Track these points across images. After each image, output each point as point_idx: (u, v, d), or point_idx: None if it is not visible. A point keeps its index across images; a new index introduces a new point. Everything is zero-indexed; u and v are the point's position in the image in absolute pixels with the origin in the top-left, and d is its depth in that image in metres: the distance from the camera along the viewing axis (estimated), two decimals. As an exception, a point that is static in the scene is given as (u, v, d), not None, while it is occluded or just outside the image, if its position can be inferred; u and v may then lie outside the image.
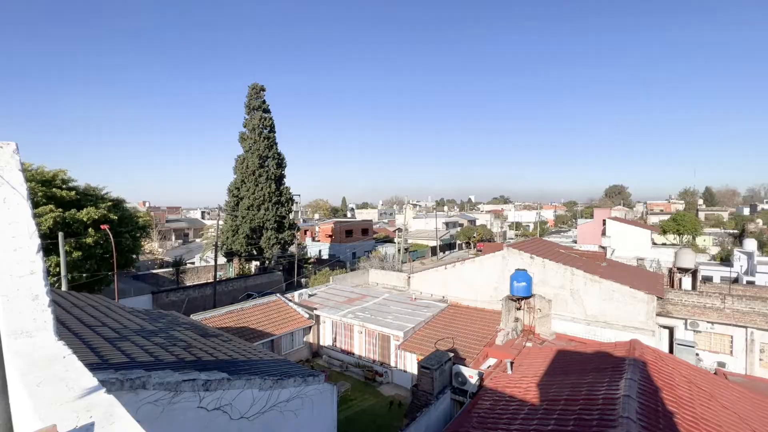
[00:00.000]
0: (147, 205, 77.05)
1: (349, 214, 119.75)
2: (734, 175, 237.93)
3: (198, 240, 57.39)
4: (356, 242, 52.72)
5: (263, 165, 35.69)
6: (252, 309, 20.52)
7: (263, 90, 36.37)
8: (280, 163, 37.12)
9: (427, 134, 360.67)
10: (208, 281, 30.55)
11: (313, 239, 58.20)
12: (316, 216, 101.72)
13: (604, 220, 47.43)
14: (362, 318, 19.92)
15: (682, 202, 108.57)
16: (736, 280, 29.00)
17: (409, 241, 60.73)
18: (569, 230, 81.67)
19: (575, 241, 50.02)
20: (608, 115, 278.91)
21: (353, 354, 20.02)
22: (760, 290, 22.93)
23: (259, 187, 34.79)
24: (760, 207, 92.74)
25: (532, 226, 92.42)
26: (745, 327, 16.92)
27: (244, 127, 36.15)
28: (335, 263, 40.23)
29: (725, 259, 37.80)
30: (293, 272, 35.67)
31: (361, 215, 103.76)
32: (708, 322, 17.51)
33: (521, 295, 15.51)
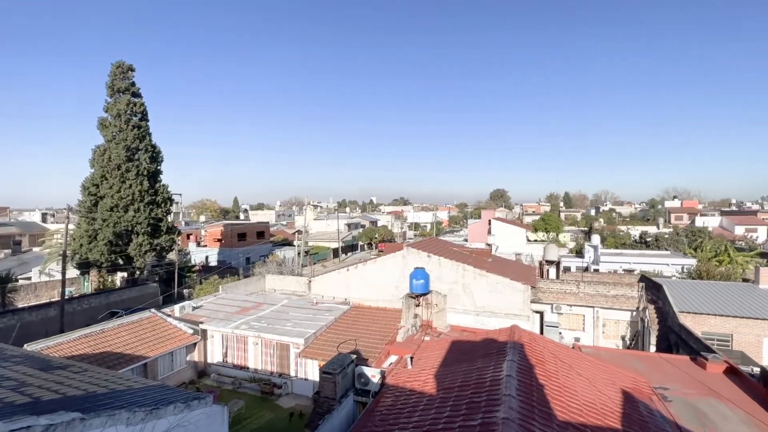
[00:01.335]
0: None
1: (242, 216, 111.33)
2: (584, 182, 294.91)
3: (37, 249, 45.97)
4: (251, 246, 49.15)
5: (132, 158, 30.30)
6: (117, 330, 17.19)
7: (131, 70, 30.87)
8: (155, 157, 32.10)
9: (328, 135, 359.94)
10: (53, 300, 24.79)
11: (199, 244, 52.47)
12: (203, 218, 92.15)
13: (490, 221, 53.52)
14: (258, 328, 18.39)
15: (548, 204, 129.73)
16: (586, 269, 35.43)
17: (310, 243, 59.24)
18: (461, 230, 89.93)
19: (466, 240, 55.20)
20: (493, 126, 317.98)
21: (248, 368, 18.33)
22: (602, 276, 28.37)
23: (126, 184, 29.43)
24: (602, 209, 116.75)
25: (429, 227, 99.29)
26: (593, 307, 20.64)
27: (106, 112, 30.14)
28: (226, 270, 36.75)
29: (579, 252, 45.91)
30: (173, 283, 31.34)
31: (257, 217, 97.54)
32: (567, 305, 20.85)
33: (420, 292, 16.12)
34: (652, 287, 21.94)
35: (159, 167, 32.62)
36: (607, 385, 9.56)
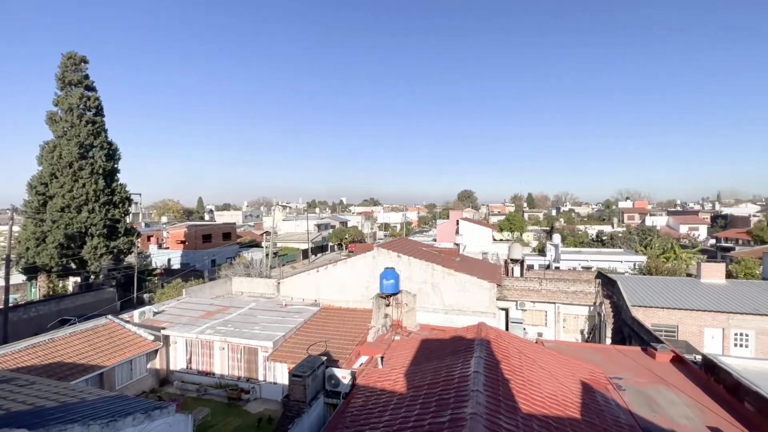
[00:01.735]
0: None
1: (207, 217, 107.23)
2: (546, 183, 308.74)
3: (-29, 253, 42.16)
4: (216, 248, 47.46)
5: (86, 156, 28.36)
6: (69, 338, 16.06)
7: (85, 62, 28.93)
8: (112, 155, 30.23)
9: (297, 135, 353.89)
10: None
11: (160, 246, 50.07)
12: (165, 219, 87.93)
13: (458, 221, 54.72)
14: (224, 332, 17.81)
15: (513, 205, 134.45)
16: (548, 267, 37.04)
17: (279, 244, 58.05)
18: (430, 230, 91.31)
19: (435, 240, 56.11)
20: (460, 128, 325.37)
21: (214, 374, 17.71)
22: (563, 274, 29.78)
23: (80, 183, 27.51)
24: (562, 209, 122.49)
25: (399, 227, 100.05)
26: (554, 303, 21.63)
27: (56, 106, 28.10)
28: (190, 273, 35.28)
29: (541, 251, 47.93)
30: (132, 287, 29.70)
31: (222, 218, 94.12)
32: (531, 301, 21.72)
33: (390, 292, 16.25)
34: (607, 283, 23.32)
35: (116, 165, 30.76)
36: (567, 377, 10.07)
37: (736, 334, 18.27)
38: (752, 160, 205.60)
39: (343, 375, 10.12)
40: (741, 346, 18.19)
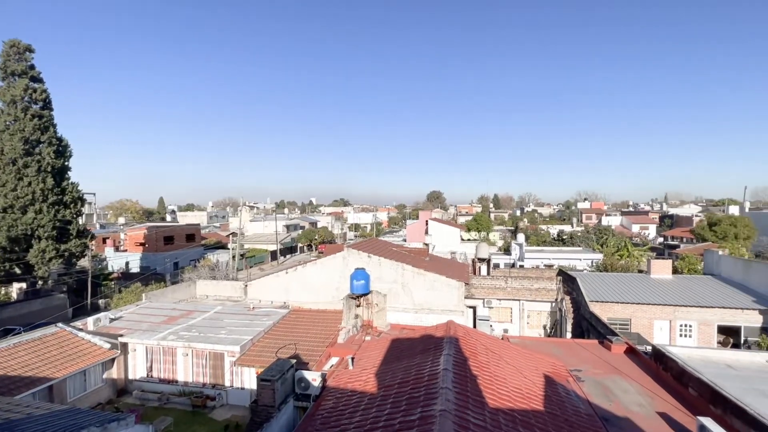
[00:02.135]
0: None
1: (169, 218, 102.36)
2: (511, 184, 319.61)
3: None
4: (179, 250, 45.46)
5: (32, 152, 26.26)
6: (12, 349, 14.82)
7: (30, 50, 26.75)
8: (62, 152, 28.18)
9: (267, 134, 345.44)
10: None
11: (117, 249, 47.31)
12: (122, 220, 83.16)
13: (427, 221, 55.53)
14: (188, 338, 17.10)
15: (480, 205, 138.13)
16: (513, 265, 38.39)
17: (246, 246, 56.45)
18: (400, 230, 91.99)
19: (405, 240, 56.61)
20: (430, 129, 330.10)
21: (177, 382, 16.95)
22: (527, 272, 30.97)
23: (25, 181, 25.42)
24: (526, 209, 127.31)
25: (369, 227, 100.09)
26: (519, 300, 22.47)
27: (-3, 97, 25.80)
28: (150, 277, 33.56)
29: (507, 250, 49.57)
30: (86, 293, 27.86)
31: (186, 219, 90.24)
32: (497, 299, 22.45)
33: (360, 293, 16.26)
34: (568, 280, 24.52)
35: (67, 163, 28.69)
36: (531, 371, 10.50)
37: (681, 326, 19.76)
38: (695, 164, 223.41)
39: (313, 377, 10.01)
40: (685, 336, 19.69)
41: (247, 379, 16.19)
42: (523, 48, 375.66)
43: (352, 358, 11.67)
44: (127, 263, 42.62)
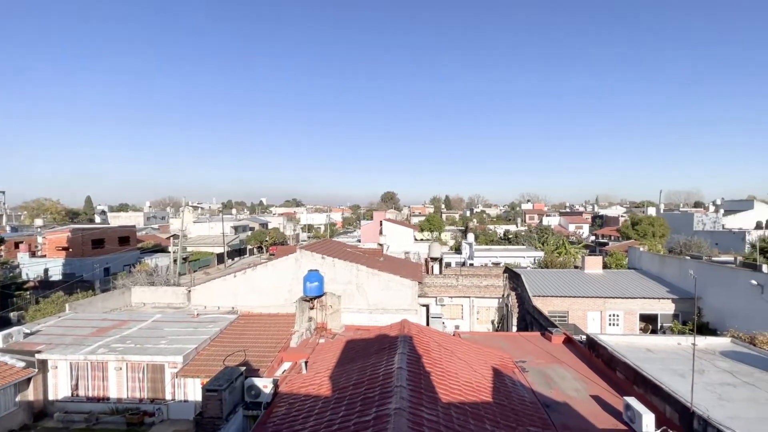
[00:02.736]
0: None
1: (98, 219, 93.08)
2: (462, 186, 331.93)
3: None
4: (111, 254, 41.51)
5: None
6: None
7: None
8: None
9: (211, 130, 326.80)
10: None
11: (34, 254, 42.18)
12: (39, 222, 74.12)
13: (381, 222, 55.90)
14: (122, 350, 15.65)
15: (432, 206, 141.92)
16: (464, 264, 39.83)
17: (190, 249, 53.05)
18: (355, 231, 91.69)
19: (359, 240, 56.50)
20: (384, 130, 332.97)
21: (108, 399, 15.44)
22: (476, 270, 32.27)
23: None
24: (475, 210, 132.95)
25: (323, 228, 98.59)
26: (469, 297, 23.37)
27: None
28: (75, 284, 30.28)
29: (457, 249, 51.31)
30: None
31: (119, 220, 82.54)
32: (449, 297, 23.16)
33: (314, 295, 15.93)
34: (513, 277, 25.98)
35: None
36: (481, 365, 10.96)
37: (610, 315, 21.77)
38: (621, 169, 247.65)
39: (264, 384, 9.61)
40: (614, 324, 21.72)
41: (191, 391, 15.18)
42: (473, 50, 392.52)
43: (306, 362, 11.39)
44: (46, 270, 38.02)
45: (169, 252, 42.53)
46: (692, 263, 22.66)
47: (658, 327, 21.34)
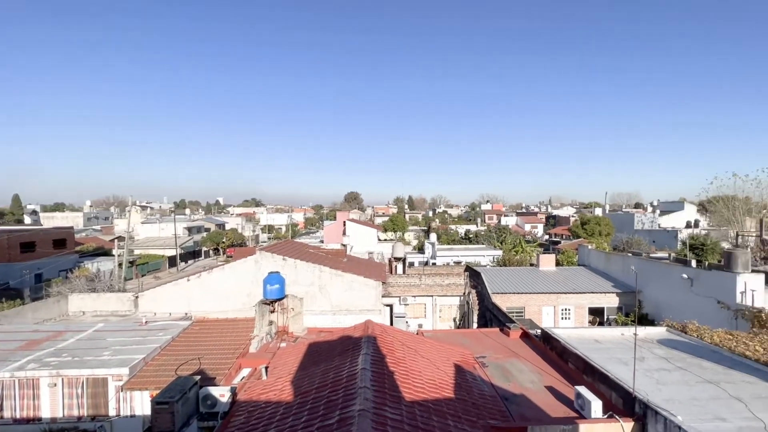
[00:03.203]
0: None
1: (28, 219, 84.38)
2: (425, 186, 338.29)
3: None
4: (44, 259, 37.80)
5: None
6: None
7: None
8: None
9: (163, 125, 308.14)
10: None
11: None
12: (-50, 224, 66.00)
13: (345, 222, 55.47)
14: (56, 364, 14.24)
15: (396, 206, 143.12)
16: (426, 263, 40.52)
17: (137, 251, 49.67)
18: (317, 231, 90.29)
19: (322, 241, 55.73)
20: (347, 130, 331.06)
21: (40, 419, 13.97)
22: (438, 269, 32.91)
23: None
24: (437, 210, 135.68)
25: (284, 229, 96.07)
26: (432, 296, 23.75)
27: None
28: (0, 293, 27.26)
29: (420, 249, 52.12)
30: None
31: (54, 221, 75.43)
32: (412, 296, 23.40)
33: (275, 298, 15.47)
34: (474, 275, 26.76)
35: None
36: (443, 362, 11.13)
37: (562, 310, 23.04)
38: (571, 172, 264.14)
39: (221, 393, 9.14)
40: (565, 318, 23.02)
41: (139, 405, 14.12)
42: (435, 53, 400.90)
43: (266, 368, 10.99)
44: (-39, 278, 33.94)
45: (114, 255, 39.46)
46: (633, 260, 24.56)
47: (605, 319, 22.90)
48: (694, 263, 21.59)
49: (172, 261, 51.73)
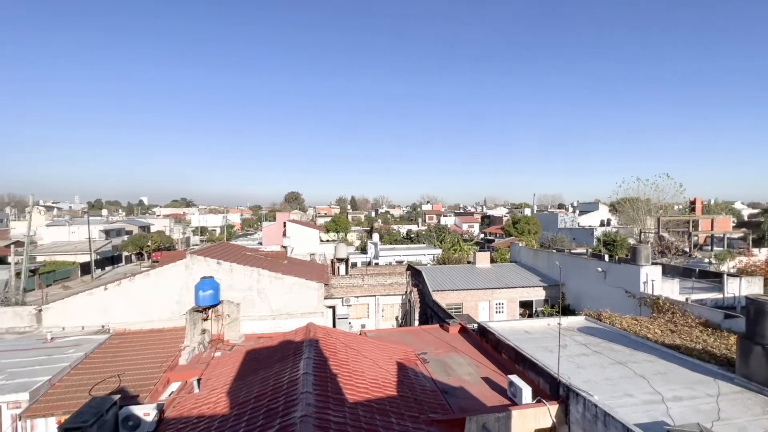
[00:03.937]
0: None
1: None
2: (367, 187, 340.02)
3: None
4: None
5: None
6: None
7: None
8: None
9: (74, 115, 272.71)
10: None
11: None
12: None
13: (285, 223, 53.65)
14: (-69, 394, 11.87)
15: (338, 207, 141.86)
16: (369, 263, 40.68)
17: (41, 258, 43.44)
18: (255, 233, 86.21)
19: (261, 243, 53.32)
20: (289, 129, 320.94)
21: None
22: (381, 269, 33.20)
23: None
24: (380, 211, 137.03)
25: (219, 231, 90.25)
26: (375, 296, 23.90)
27: None
28: None
29: (363, 249, 52.18)
30: None
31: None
32: (355, 296, 23.34)
33: (208, 304, 14.45)
34: (415, 274, 27.46)
35: None
36: (386, 361, 11.23)
37: (496, 304, 24.56)
38: (504, 174, 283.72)
39: (145, 412, 8.30)
40: (499, 312, 24.57)
41: (43, 433, 12.30)
42: (380, 52, 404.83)
43: (199, 380, 10.22)
44: None
45: (10, 263, 33.96)
46: (557, 256, 27.00)
47: (534, 311, 24.87)
48: (606, 258, 24.34)
49: (85, 268, 45.98)
